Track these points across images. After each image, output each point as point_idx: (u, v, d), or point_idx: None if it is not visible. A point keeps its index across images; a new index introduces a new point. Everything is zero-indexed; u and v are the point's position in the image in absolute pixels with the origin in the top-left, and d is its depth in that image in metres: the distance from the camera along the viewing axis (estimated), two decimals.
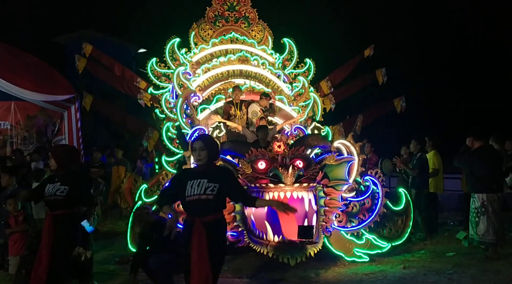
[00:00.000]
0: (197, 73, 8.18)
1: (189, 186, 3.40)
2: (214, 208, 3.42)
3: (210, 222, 3.36)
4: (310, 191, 5.47)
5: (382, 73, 9.08)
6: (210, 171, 3.49)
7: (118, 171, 9.87)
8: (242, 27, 9.00)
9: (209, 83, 8.16)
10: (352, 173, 5.95)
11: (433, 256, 6.12)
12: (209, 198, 3.35)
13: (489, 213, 5.68)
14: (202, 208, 3.37)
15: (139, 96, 8.26)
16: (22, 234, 5.44)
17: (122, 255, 5.42)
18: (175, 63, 8.44)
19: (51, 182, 4.21)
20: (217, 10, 8.98)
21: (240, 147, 5.95)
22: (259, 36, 9.06)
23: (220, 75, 8.19)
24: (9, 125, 12.19)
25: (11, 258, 5.38)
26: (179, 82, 7.78)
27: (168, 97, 8.05)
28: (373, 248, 6.00)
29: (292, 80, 8.68)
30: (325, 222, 5.63)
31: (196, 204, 3.37)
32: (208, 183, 3.38)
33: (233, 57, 8.23)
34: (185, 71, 7.96)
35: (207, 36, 8.88)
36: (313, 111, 8.09)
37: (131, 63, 21.13)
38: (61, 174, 4.22)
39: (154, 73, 8.44)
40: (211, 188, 3.36)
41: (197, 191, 3.37)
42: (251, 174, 5.43)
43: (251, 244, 5.34)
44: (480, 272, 5.24)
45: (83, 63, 8.25)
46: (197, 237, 3.31)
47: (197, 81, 8.03)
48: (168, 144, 7.38)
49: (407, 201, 6.40)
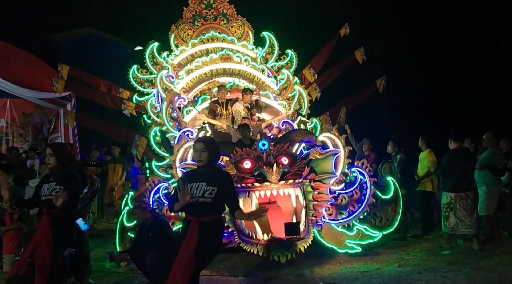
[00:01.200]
0: (180, 76, 8.16)
1: (189, 189, 3.49)
2: (212, 210, 3.50)
3: (206, 221, 3.45)
4: (296, 187, 5.48)
5: (361, 52, 8.99)
6: (210, 174, 3.57)
7: (115, 169, 9.84)
8: (221, 24, 8.95)
9: (194, 84, 8.14)
10: (339, 166, 5.94)
11: (428, 254, 6.09)
12: (207, 201, 3.45)
13: (456, 209, 6.15)
14: (200, 209, 3.46)
15: (123, 107, 8.24)
16: (17, 232, 5.45)
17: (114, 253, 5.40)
18: (156, 67, 8.42)
19: (47, 181, 4.16)
20: (195, 10, 8.93)
21: (225, 147, 5.91)
22: (239, 32, 9.01)
23: (204, 75, 8.16)
24: (4, 123, 12.22)
25: (6, 256, 5.40)
26: (163, 86, 7.76)
27: (153, 102, 8.05)
28: (364, 238, 6.00)
29: (276, 73, 8.63)
30: (315, 216, 5.64)
31: (195, 206, 3.47)
32: (207, 186, 3.47)
33: (215, 56, 8.20)
34: (167, 74, 7.94)
35: (187, 37, 8.84)
36: (299, 104, 8.06)
37: (127, 61, 21.07)
38: (57, 174, 4.16)
39: (137, 80, 8.42)
40: (210, 191, 3.46)
41: (196, 193, 3.47)
42: (236, 174, 5.43)
43: (241, 244, 5.38)
44: (475, 270, 5.22)
45: (62, 85, 8.20)
46: (190, 233, 3.43)
47: (181, 83, 8.01)
48: (156, 149, 7.38)
49: (396, 189, 6.38)
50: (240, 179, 5.41)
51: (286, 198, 5.41)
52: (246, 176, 5.41)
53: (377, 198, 6.18)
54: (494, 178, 6.56)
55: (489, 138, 6.68)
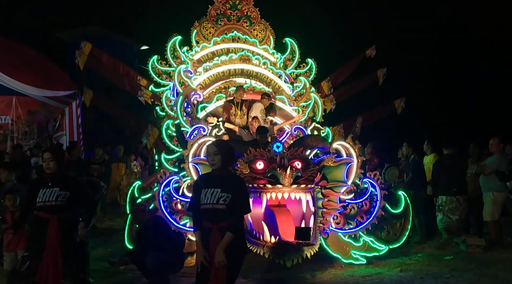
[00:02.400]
0: (198, 72, 8.17)
1: (203, 195, 3.47)
2: (228, 216, 3.46)
3: (225, 227, 3.43)
4: (308, 192, 5.44)
5: (383, 73, 9.04)
6: (224, 179, 3.51)
7: (118, 168, 9.86)
8: (244, 26, 8.97)
9: (210, 82, 8.16)
10: (351, 175, 5.91)
11: (431, 259, 6.09)
12: (221, 207, 3.42)
13: (445, 211, 6.69)
14: (216, 216, 3.43)
15: (140, 94, 8.25)
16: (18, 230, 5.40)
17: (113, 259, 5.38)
18: (176, 61, 8.42)
19: (44, 186, 4.03)
20: (219, 9, 8.95)
21: (239, 146, 5.91)
22: (261, 36, 9.04)
23: (221, 74, 8.18)
24: (10, 120, 12.19)
25: (6, 254, 5.33)
26: (180, 80, 7.77)
27: (168, 95, 8.05)
28: (370, 251, 5.97)
29: (293, 80, 8.65)
30: (323, 224, 5.60)
31: (210, 212, 3.45)
32: (221, 193, 3.43)
33: (235, 56, 8.22)
34: (186, 69, 7.96)
35: (209, 34, 8.86)
36: (314, 112, 8.08)
37: (133, 60, 21.13)
38: (58, 178, 4.06)
39: (155, 71, 8.43)
40: (224, 198, 3.42)
41: (210, 200, 3.43)
42: (249, 174, 5.41)
43: (248, 244, 5.30)
44: (477, 277, 5.21)
45: (84, 59, 8.23)
46: (214, 244, 3.39)
47: (198, 79, 8.03)
48: (167, 142, 7.38)
49: (406, 204, 6.36)
50: (252, 179, 5.39)
51: (296, 202, 5.38)
52: (259, 176, 5.39)
53: (386, 211, 6.15)
54: (500, 183, 6.56)
55: (496, 144, 6.68)
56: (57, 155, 4.10)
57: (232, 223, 3.47)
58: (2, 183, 5.87)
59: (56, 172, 4.05)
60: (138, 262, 5.18)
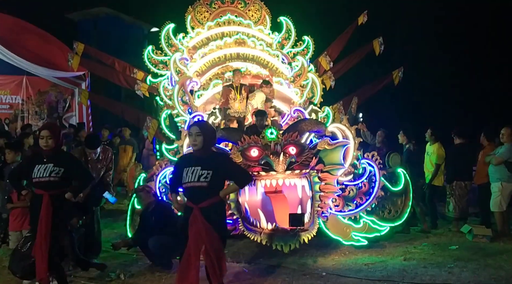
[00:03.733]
0: (194, 59, 8.10)
1: (185, 173, 3.54)
2: (209, 194, 3.51)
3: (206, 207, 3.48)
4: (303, 177, 5.40)
5: (379, 43, 8.76)
6: (205, 158, 3.56)
7: (125, 150, 9.94)
8: (238, 7, 8.81)
9: (207, 68, 8.09)
10: (348, 157, 5.83)
11: (435, 248, 5.98)
12: (203, 185, 3.47)
13: (455, 195, 6.94)
14: (197, 194, 3.51)
15: (137, 88, 8.26)
16: (23, 210, 5.45)
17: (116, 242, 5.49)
18: (171, 49, 8.37)
19: (39, 162, 4.04)
20: None
21: (233, 135, 5.89)
22: (256, 16, 8.86)
23: (217, 59, 8.09)
24: (20, 100, 12.41)
25: (12, 233, 5.50)
26: (176, 69, 7.74)
27: (166, 85, 8.04)
28: (371, 231, 5.92)
29: (291, 60, 8.49)
30: (321, 207, 5.56)
31: (192, 190, 3.52)
32: (202, 171, 3.48)
33: (230, 40, 8.10)
34: (181, 57, 7.91)
35: (204, 19, 8.74)
36: (312, 92, 7.93)
37: (143, 42, 21.07)
38: (52, 155, 4.06)
39: (151, 61, 8.40)
40: (205, 175, 3.47)
41: (191, 178, 3.50)
42: (242, 162, 5.38)
43: (245, 231, 5.35)
44: (482, 267, 5.12)
45: (77, 61, 8.26)
46: (196, 223, 3.47)
47: (194, 66, 7.97)
48: (167, 132, 7.39)
49: (406, 181, 6.26)
50: (247, 166, 5.35)
51: (292, 188, 5.35)
52: (253, 164, 5.35)
53: (386, 190, 6.07)
54: (509, 174, 6.41)
55: (508, 133, 6.48)
56: (55, 133, 4.11)
57: (214, 203, 3.52)
58: (8, 163, 5.99)
59: (53, 148, 4.08)
60: (141, 244, 5.32)
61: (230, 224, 5.53)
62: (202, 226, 3.45)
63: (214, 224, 3.51)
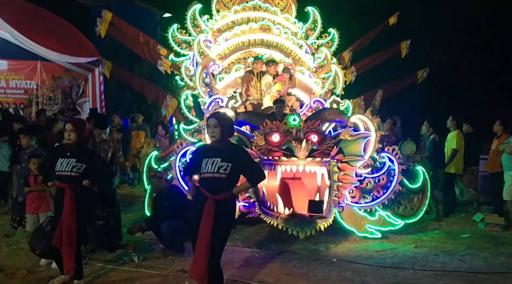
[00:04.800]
0: (218, 41, 8.07)
1: (204, 163, 3.56)
2: (226, 186, 3.56)
3: (221, 199, 3.53)
4: (323, 166, 5.42)
5: (407, 46, 8.76)
6: (224, 149, 3.59)
7: (138, 135, 10.01)
8: None
9: (230, 52, 8.05)
10: (368, 149, 5.82)
11: (447, 236, 6.03)
12: (222, 177, 3.50)
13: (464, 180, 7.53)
14: (215, 185, 3.53)
15: (159, 63, 8.26)
16: (40, 193, 5.57)
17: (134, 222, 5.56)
18: (196, 30, 8.34)
19: (63, 156, 4.14)
20: None
21: (255, 119, 5.90)
22: (283, 4, 8.80)
23: (241, 44, 8.05)
24: (35, 85, 12.45)
25: (28, 216, 5.57)
26: (199, 50, 7.71)
27: (188, 65, 8.03)
28: (385, 225, 5.93)
29: (314, 51, 8.45)
30: (338, 197, 5.60)
31: (210, 181, 3.54)
32: (222, 162, 3.51)
33: (255, 26, 8.04)
34: (206, 38, 7.87)
35: (229, 2, 8.68)
36: (334, 84, 7.90)
37: (155, 28, 21.03)
38: (75, 149, 4.16)
39: (175, 40, 8.38)
40: (224, 167, 3.50)
41: (211, 169, 3.52)
42: (264, 146, 5.41)
43: (261, 215, 5.38)
44: (493, 256, 5.14)
45: (105, 28, 8.25)
46: (206, 213, 3.50)
47: (218, 49, 7.94)
48: (186, 112, 7.41)
49: (425, 179, 6.24)
50: (268, 151, 5.39)
51: (311, 175, 5.36)
52: (274, 148, 5.37)
53: (404, 186, 6.06)
54: None
55: None
56: (78, 127, 4.18)
57: (229, 197, 3.55)
58: (23, 148, 6.08)
59: (76, 143, 4.16)
60: (155, 228, 5.37)
61: (246, 207, 5.57)
62: (212, 216, 3.49)
63: (224, 217, 3.56)
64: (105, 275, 4.56)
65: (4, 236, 5.90)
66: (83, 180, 4.10)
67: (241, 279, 4.34)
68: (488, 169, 7.17)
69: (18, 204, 5.89)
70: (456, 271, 4.66)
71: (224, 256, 3.61)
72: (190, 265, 3.65)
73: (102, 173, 4.26)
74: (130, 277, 4.48)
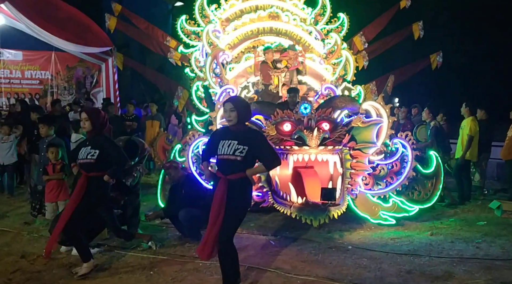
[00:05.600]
0: (227, 31, 8.03)
1: (221, 145, 3.61)
2: (241, 169, 3.59)
3: (233, 179, 3.58)
4: (335, 154, 5.41)
5: (419, 27, 8.56)
6: (241, 132, 3.63)
7: (152, 125, 10.09)
8: None
9: (239, 41, 8.02)
10: (380, 136, 5.78)
11: (463, 224, 5.98)
12: (237, 159, 3.55)
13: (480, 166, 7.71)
14: (230, 167, 3.58)
15: (169, 55, 8.27)
16: (59, 182, 5.71)
17: (150, 210, 5.65)
18: (205, 20, 8.32)
19: (84, 145, 4.38)
20: None
21: (266, 108, 5.89)
22: None
23: (250, 32, 8.01)
24: (49, 75, 12.63)
25: (48, 205, 5.71)
26: (208, 40, 7.70)
27: (197, 56, 8.04)
28: (399, 211, 5.91)
29: (324, 36, 8.35)
30: (351, 185, 5.59)
31: (226, 163, 3.60)
32: (238, 145, 3.55)
33: (263, 13, 7.98)
34: (214, 29, 7.86)
35: None
36: (345, 69, 7.82)
37: (167, 17, 20.99)
38: (91, 138, 4.35)
39: (184, 31, 8.37)
40: (240, 150, 3.54)
41: (227, 151, 3.57)
42: (275, 135, 5.41)
43: (275, 204, 5.41)
44: (510, 243, 5.10)
45: (114, 22, 8.28)
46: (218, 192, 3.59)
47: (227, 39, 7.91)
48: (197, 103, 7.45)
49: (438, 164, 6.20)
50: (279, 140, 5.39)
51: (323, 164, 5.36)
52: (285, 138, 5.38)
53: (417, 171, 6.02)
54: None
55: None
56: (92, 115, 4.34)
57: (242, 177, 3.59)
58: (42, 138, 6.20)
59: (91, 131, 4.33)
60: (172, 216, 5.48)
61: (260, 196, 5.60)
62: (222, 195, 3.56)
63: (237, 197, 3.60)
64: (124, 261, 4.67)
65: (25, 223, 6.07)
66: (99, 166, 4.24)
67: (258, 266, 4.39)
68: (504, 156, 7.10)
69: (38, 192, 6.04)
70: (473, 258, 4.64)
71: (240, 243, 3.69)
72: None
73: (115, 158, 4.34)
74: (149, 263, 4.58)
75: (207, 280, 4.13)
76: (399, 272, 4.29)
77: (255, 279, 4.10)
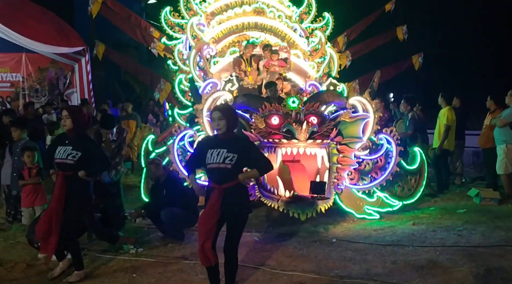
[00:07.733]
0: (212, 25, 7.94)
1: (209, 154, 3.52)
2: (232, 176, 3.52)
3: (229, 188, 3.49)
4: (323, 148, 5.43)
5: (403, 31, 8.80)
6: (230, 141, 3.56)
7: (129, 124, 9.86)
8: None
9: (223, 35, 7.93)
10: (366, 131, 5.84)
11: (443, 212, 6.11)
12: (228, 167, 3.46)
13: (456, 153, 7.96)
14: (221, 176, 3.50)
15: (153, 45, 8.08)
16: (35, 186, 5.51)
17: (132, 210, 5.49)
18: (189, 13, 8.20)
19: (62, 143, 4.14)
20: None
21: (254, 101, 5.86)
22: None
23: (235, 27, 7.94)
24: (21, 78, 12.20)
25: (24, 210, 5.52)
26: (192, 33, 7.59)
27: (181, 49, 7.90)
28: (384, 206, 5.99)
29: (308, 34, 8.40)
30: (337, 179, 5.62)
31: (216, 171, 3.51)
32: (227, 153, 3.47)
33: (249, 9, 7.93)
34: (199, 22, 7.75)
35: None
36: (329, 67, 7.89)
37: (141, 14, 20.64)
38: (73, 137, 4.13)
39: (168, 23, 8.22)
40: (230, 158, 3.46)
41: (216, 159, 3.48)
42: (264, 128, 5.38)
43: (262, 198, 5.37)
44: (491, 229, 5.23)
45: (97, 7, 7.98)
46: (213, 201, 3.48)
47: (211, 33, 7.81)
48: (180, 97, 7.32)
49: (422, 160, 6.32)
50: (268, 134, 5.36)
51: (311, 158, 5.36)
52: (274, 131, 5.35)
53: (401, 167, 6.11)
54: None
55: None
56: (73, 113, 4.17)
57: (237, 184, 3.52)
58: (14, 141, 5.93)
59: (72, 130, 4.13)
60: (153, 217, 5.32)
61: None
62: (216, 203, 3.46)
63: (236, 205, 3.53)
64: (105, 264, 4.52)
65: (0, 230, 5.78)
66: (79, 168, 4.05)
67: (243, 263, 4.29)
68: (481, 144, 7.25)
69: (13, 198, 5.80)
70: (455, 246, 4.74)
71: (222, 242, 3.57)
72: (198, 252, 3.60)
73: (97, 161, 4.21)
74: (131, 266, 4.44)
75: (192, 281, 4.06)
76: (384, 263, 4.33)
77: (241, 277, 4.03)
